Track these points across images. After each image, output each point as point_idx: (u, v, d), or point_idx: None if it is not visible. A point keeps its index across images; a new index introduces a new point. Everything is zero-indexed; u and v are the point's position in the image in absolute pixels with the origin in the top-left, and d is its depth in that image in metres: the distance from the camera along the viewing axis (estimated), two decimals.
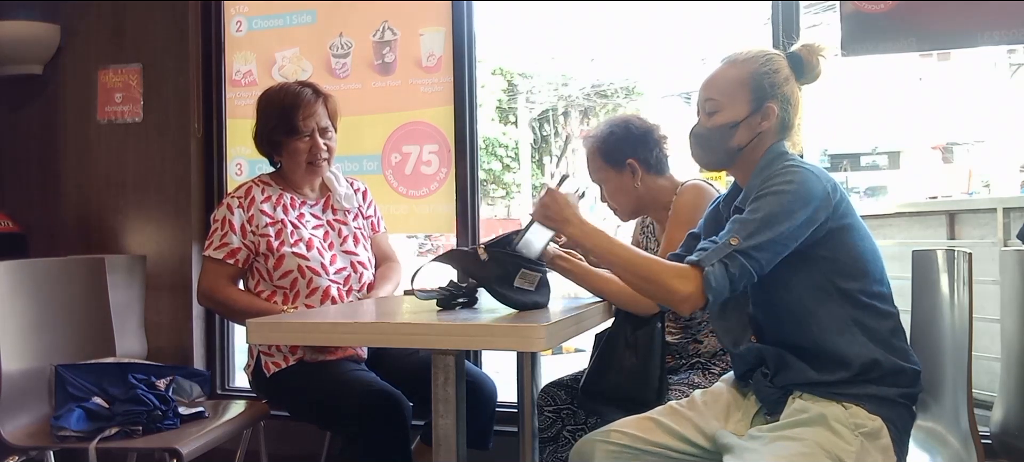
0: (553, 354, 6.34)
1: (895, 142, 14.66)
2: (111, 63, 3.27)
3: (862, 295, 1.57)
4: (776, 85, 1.64)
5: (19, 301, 2.18)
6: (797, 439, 1.51)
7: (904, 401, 1.55)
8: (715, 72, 1.69)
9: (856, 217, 1.61)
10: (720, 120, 1.66)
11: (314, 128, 2.29)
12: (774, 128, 1.65)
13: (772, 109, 1.64)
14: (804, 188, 1.52)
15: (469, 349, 2.68)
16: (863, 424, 1.51)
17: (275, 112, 2.29)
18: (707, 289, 1.48)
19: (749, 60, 1.66)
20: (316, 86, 2.35)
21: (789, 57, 1.68)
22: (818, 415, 1.53)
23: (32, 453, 2.08)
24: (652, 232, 2.33)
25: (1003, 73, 11.59)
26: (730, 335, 1.72)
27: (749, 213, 1.53)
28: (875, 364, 1.53)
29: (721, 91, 1.66)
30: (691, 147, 1.74)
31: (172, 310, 3.18)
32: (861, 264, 1.58)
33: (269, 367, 2.23)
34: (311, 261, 2.25)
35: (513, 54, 15.18)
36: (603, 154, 2.20)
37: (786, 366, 1.59)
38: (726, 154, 1.68)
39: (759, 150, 1.66)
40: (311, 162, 2.31)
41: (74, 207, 3.33)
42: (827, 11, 2.97)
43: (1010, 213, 3.60)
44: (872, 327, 1.56)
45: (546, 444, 2.19)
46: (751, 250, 1.49)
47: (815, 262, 1.55)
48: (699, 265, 1.50)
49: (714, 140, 1.68)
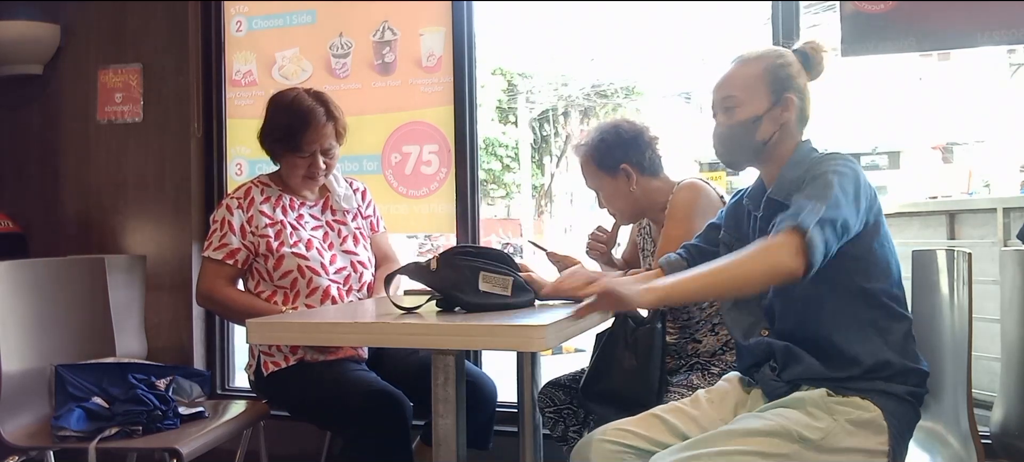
0: (553, 354, 6.35)
1: (895, 142, 14.65)
2: (111, 63, 3.27)
3: (883, 297, 1.58)
4: (792, 77, 1.67)
5: (19, 301, 2.18)
6: (762, 417, 1.52)
7: (910, 399, 1.56)
8: (728, 72, 1.70)
9: (884, 220, 1.62)
10: (741, 116, 1.66)
11: (318, 148, 2.27)
12: (795, 120, 1.67)
13: (792, 100, 1.65)
14: (862, 179, 1.55)
15: (469, 349, 2.68)
16: (850, 411, 1.51)
17: (283, 126, 2.26)
18: (813, 252, 1.43)
19: (762, 56, 1.69)
20: (329, 104, 2.30)
21: (796, 53, 1.70)
22: (797, 399, 1.54)
23: (32, 453, 2.08)
24: (649, 234, 2.33)
25: (1003, 73, 11.58)
26: (741, 327, 1.72)
27: (813, 188, 1.51)
28: (887, 364, 1.54)
29: (739, 87, 1.67)
30: (716, 150, 1.74)
31: (172, 310, 3.18)
32: (884, 266, 1.59)
33: (269, 367, 2.23)
34: (311, 261, 2.25)
35: (513, 54, 15.19)
36: (596, 161, 2.20)
37: (795, 360, 1.59)
38: (752, 150, 1.68)
39: (785, 144, 1.67)
40: (308, 176, 2.31)
41: (74, 207, 3.33)
42: (827, 11, 2.97)
43: (1010, 213, 3.60)
44: (887, 329, 1.57)
45: (559, 443, 2.21)
46: (834, 219, 1.47)
47: (843, 259, 1.54)
48: (799, 229, 1.44)
49: (738, 136, 1.68)
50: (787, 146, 1.67)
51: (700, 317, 2.13)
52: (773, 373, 1.63)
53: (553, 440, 2.23)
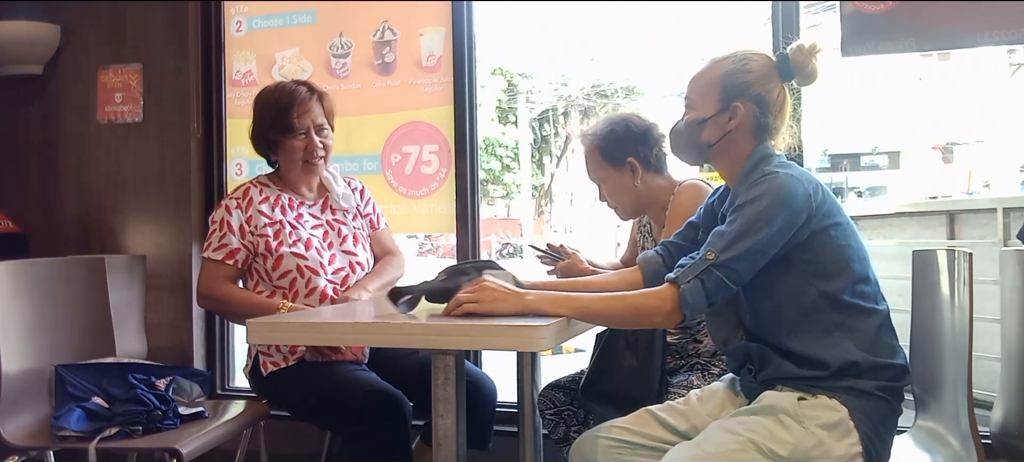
0: (553, 354, 6.34)
1: (895, 142, 14.65)
2: (111, 63, 3.27)
3: (845, 295, 1.57)
4: (747, 85, 1.65)
5: (19, 301, 2.18)
6: (733, 432, 1.53)
7: (883, 395, 1.55)
8: (698, 70, 1.73)
9: (842, 215, 1.62)
10: (690, 116, 1.71)
11: (310, 126, 2.29)
12: (746, 128, 1.66)
13: (739, 108, 1.65)
14: (781, 194, 1.54)
15: (469, 349, 2.68)
16: (819, 415, 1.52)
17: (270, 110, 2.30)
18: (684, 306, 1.52)
19: (725, 60, 1.69)
20: (311, 84, 2.36)
21: (778, 57, 1.68)
22: (768, 406, 1.56)
23: (32, 453, 2.08)
24: (649, 232, 2.33)
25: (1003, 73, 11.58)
26: (721, 334, 1.76)
27: (727, 224, 1.56)
28: (854, 365, 1.55)
29: (695, 89, 1.71)
30: (669, 141, 1.81)
31: (172, 310, 3.18)
32: (844, 263, 1.58)
33: (268, 367, 2.23)
34: (310, 261, 2.25)
35: (513, 54, 15.21)
36: (603, 152, 2.20)
37: (768, 363, 1.61)
38: (696, 150, 1.73)
39: (736, 150, 1.68)
40: (307, 160, 2.31)
41: (74, 207, 3.32)
42: (827, 11, 2.97)
43: (1010, 213, 3.61)
44: (855, 327, 1.57)
45: (561, 445, 2.20)
46: (728, 262, 1.52)
47: (797, 266, 1.57)
48: (676, 283, 1.54)
49: (685, 135, 1.73)
50: (738, 152, 1.67)
51: (701, 317, 2.13)
52: (751, 375, 1.66)
53: (553, 441, 2.23)
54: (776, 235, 1.53)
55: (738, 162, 1.68)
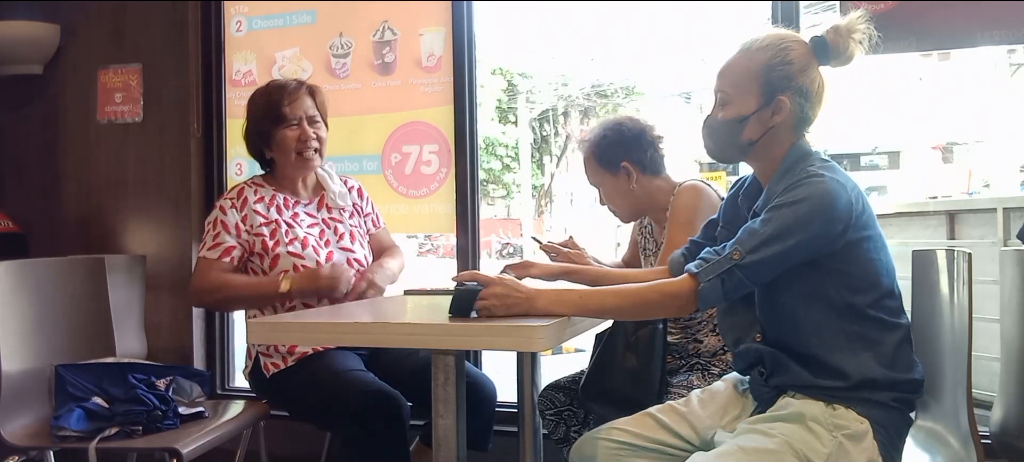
0: (553, 354, 6.34)
1: (895, 142, 14.67)
2: (111, 63, 3.27)
3: (871, 309, 1.52)
4: (790, 77, 1.55)
5: (19, 301, 2.18)
6: (768, 434, 1.49)
7: (898, 405, 1.53)
8: (729, 60, 1.61)
9: (876, 227, 1.55)
10: (730, 114, 1.59)
11: (302, 116, 2.30)
12: (789, 122, 1.57)
13: (784, 102, 1.55)
14: (825, 200, 1.46)
15: (469, 349, 2.68)
16: (846, 426, 1.48)
17: (262, 103, 2.32)
18: (700, 300, 1.51)
19: (762, 49, 1.57)
20: (301, 80, 2.40)
21: (813, 41, 1.58)
22: (796, 413, 1.51)
23: (32, 453, 2.08)
24: (650, 233, 2.33)
25: (1003, 73, 11.58)
26: (733, 333, 1.69)
27: (761, 223, 1.49)
28: (873, 381, 1.51)
29: (731, 82, 1.59)
30: (703, 138, 1.68)
31: (172, 310, 3.18)
32: (874, 277, 1.53)
33: (268, 367, 2.23)
34: (306, 260, 2.24)
35: (513, 54, 15.21)
36: (597, 158, 2.20)
37: (782, 368, 1.57)
38: (737, 148, 1.63)
39: (776, 146, 1.59)
40: (300, 152, 2.30)
41: (74, 207, 3.33)
42: (827, 11, 2.97)
43: (1010, 213, 3.60)
44: (877, 341, 1.52)
45: (561, 445, 2.20)
46: (752, 264, 1.47)
47: (827, 274, 1.51)
48: (696, 278, 1.51)
49: (724, 133, 1.62)
50: (778, 148, 1.59)
51: (702, 317, 2.13)
52: (762, 378, 1.61)
53: (553, 442, 2.23)
54: (809, 241, 1.46)
55: (776, 158, 1.58)
